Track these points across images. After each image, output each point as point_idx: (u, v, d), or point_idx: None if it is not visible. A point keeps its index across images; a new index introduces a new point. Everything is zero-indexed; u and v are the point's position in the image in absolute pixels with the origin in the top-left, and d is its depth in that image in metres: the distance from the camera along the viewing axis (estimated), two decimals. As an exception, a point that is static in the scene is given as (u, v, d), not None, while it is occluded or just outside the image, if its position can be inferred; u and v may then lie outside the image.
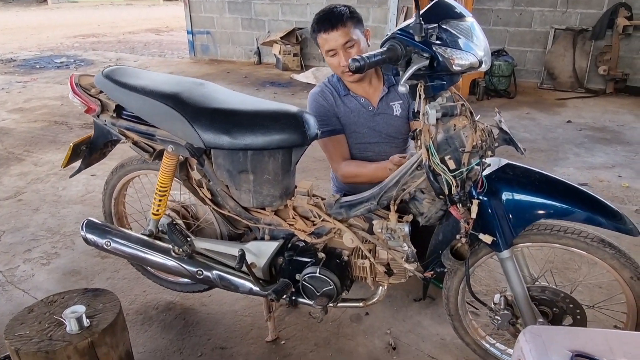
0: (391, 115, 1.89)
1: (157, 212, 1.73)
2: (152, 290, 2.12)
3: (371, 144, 1.91)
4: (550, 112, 4.89)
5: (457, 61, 1.18)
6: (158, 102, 1.51)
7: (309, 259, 1.57)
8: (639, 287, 1.34)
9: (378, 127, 1.89)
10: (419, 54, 1.18)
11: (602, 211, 1.30)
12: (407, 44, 1.19)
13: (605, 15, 5.43)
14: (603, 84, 5.64)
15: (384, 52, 1.18)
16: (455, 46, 1.20)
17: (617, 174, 3.33)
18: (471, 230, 1.34)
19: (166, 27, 14.26)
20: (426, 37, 1.16)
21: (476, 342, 1.64)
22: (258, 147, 1.48)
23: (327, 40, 1.72)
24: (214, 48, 8.54)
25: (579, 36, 5.60)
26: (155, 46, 10.61)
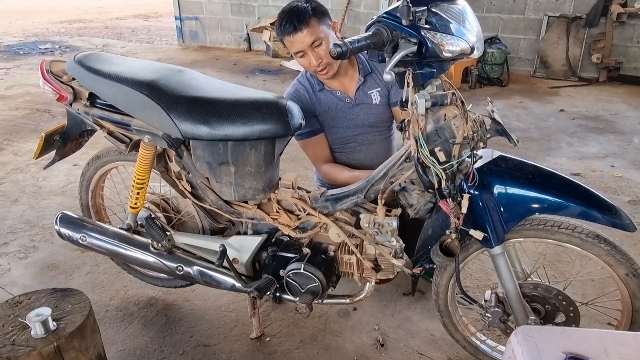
0: (370, 104, 1.81)
1: (135, 205, 1.65)
2: (133, 285, 2.05)
3: (354, 135, 1.84)
4: (543, 100, 4.83)
5: (448, 47, 1.11)
6: (133, 90, 1.42)
7: (293, 255, 1.51)
8: (635, 284, 1.29)
9: (358, 119, 1.81)
10: (407, 39, 1.10)
11: (598, 205, 1.24)
12: (394, 28, 1.11)
13: (599, 3, 5.35)
14: (596, 73, 5.59)
15: (368, 37, 1.10)
16: (446, 31, 1.12)
17: (610, 164, 3.28)
18: (461, 226, 1.28)
19: (155, 12, 14.00)
20: (414, 21, 1.08)
21: (466, 339, 1.59)
22: (239, 137, 1.40)
23: (293, 42, 1.62)
24: (202, 34, 8.37)
25: (572, 24, 5.54)
26: (143, 32, 10.41)
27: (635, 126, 4.07)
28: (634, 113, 4.43)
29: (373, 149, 1.87)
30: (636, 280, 1.28)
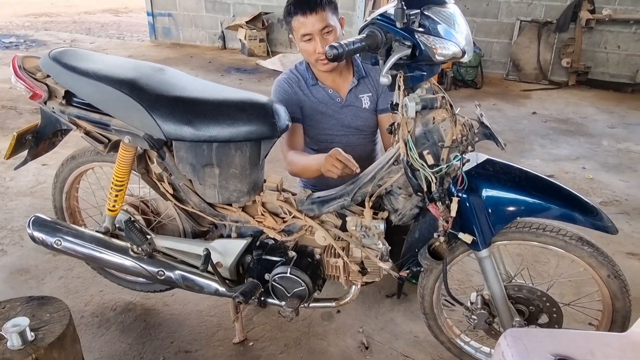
0: (359, 107, 1.81)
1: (114, 207, 1.59)
2: (109, 289, 1.99)
3: (338, 135, 1.83)
4: (515, 103, 4.94)
5: (440, 50, 1.11)
6: (112, 89, 1.37)
7: (278, 258, 1.49)
8: (615, 285, 1.32)
9: (346, 120, 1.80)
10: (400, 42, 1.10)
11: (581, 208, 1.27)
12: (388, 30, 1.10)
13: (569, 8, 5.51)
14: (566, 77, 5.75)
15: (363, 40, 1.10)
16: (438, 34, 1.12)
17: (582, 166, 3.38)
18: (450, 229, 1.28)
19: (125, 7, 13.64)
20: (408, 23, 1.08)
21: (451, 341, 1.60)
22: (224, 139, 1.37)
23: (304, 23, 1.61)
24: (176, 31, 8.21)
25: (543, 28, 5.67)
26: (113, 28, 10.14)
27: (603, 129, 4.20)
28: (602, 116, 4.57)
29: (357, 152, 1.84)
30: (617, 282, 1.31)
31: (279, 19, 7.35)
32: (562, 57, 5.66)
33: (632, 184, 3.12)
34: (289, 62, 6.35)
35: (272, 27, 7.36)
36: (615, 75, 5.70)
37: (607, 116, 4.58)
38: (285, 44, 7.49)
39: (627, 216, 2.69)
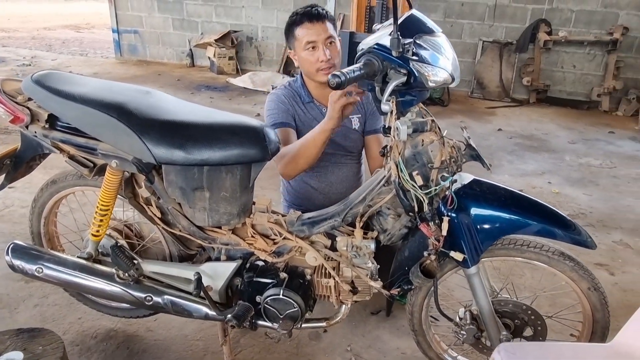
0: (349, 128, 1.85)
1: (98, 232, 1.56)
2: (88, 317, 1.92)
3: (328, 154, 1.85)
4: (482, 120, 5.12)
5: (432, 77, 1.17)
6: (100, 113, 1.35)
7: (270, 280, 1.48)
8: (595, 297, 1.39)
9: (337, 138, 1.83)
10: (396, 69, 1.14)
11: (562, 225, 1.33)
12: (385, 59, 1.15)
13: (528, 30, 5.79)
14: (527, 94, 6.01)
15: (362, 67, 1.15)
16: (430, 62, 1.18)
17: (547, 181, 3.53)
18: (441, 248, 1.32)
19: (87, 23, 13.39)
20: (403, 52, 1.13)
21: (439, 356, 1.63)
22: (216, 162, 1.37)
23: (311, 30, 1.67)
24: (142, 48, 8.12)
25: (505, 48, 5.93)
26: (75, 44, 9.92)
27: (565, 145, 4.41)
28: (563, 132, 4.79)
29: (343, 172, 1.89)
30: (597, 294, 1.38)
31: (248, 37, 7.40)
32: (522, 75, 5.93)
33: (594, 197, 3.28)
34: (259, 80, 6.38)
35: (241, 45, 7.39)
36: (572, 93, 6.00)
37: (567, 132, 4.81)
38: (254, 62, 7.52)
39: (592, 228, 2.82)
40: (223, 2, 7.29)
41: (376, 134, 1.87)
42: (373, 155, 1.89)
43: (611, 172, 3.77)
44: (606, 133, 4.84)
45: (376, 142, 1.87)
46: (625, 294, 2.19)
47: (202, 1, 7.39)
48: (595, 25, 5.67)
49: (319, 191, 1.90)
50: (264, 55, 7.44)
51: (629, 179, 3.65)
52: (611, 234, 2.76)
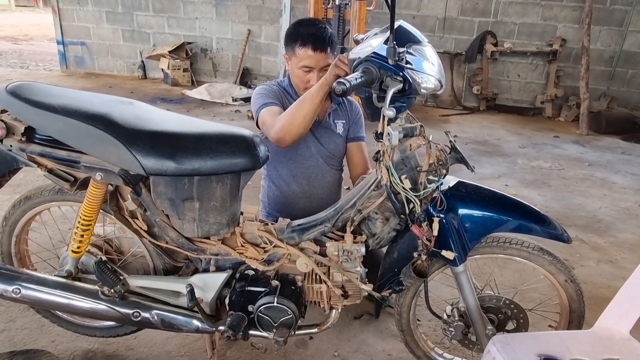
0: (334, 132, 1.88)
1: (78, 249, 1.50)
2: (62, 339, 1.83)
3: (313, 154, 1.87)
4: (437, 127, 5.31)
5: (424, 84, 1.23)
6: (85, 124, 1.31)
7: (263, 288, 1.48)
8: (572, 289, 1.49)
9: (321, 139, 1.86)
10: (392, 77, 1.19)
11: (541, 222, 1.42)
12: (382, 67, 1.20)
13: (475, 41, 6.08)
14: (477, 102, 6.30)
15: (363, 75, 1.19)
16: (421, 70, 1.24)
17: (505, 183, 3.71)
18: (432, 248, 1.37)
19: (24, 35, 12.76)
20: (398, 60, 1.18)
21: (427, 354, 1.68)
22: (207, 172, 1.36)
23: (311, 57, 1.69)
24: (90, 60, 7.85)
25: (455, 59, 6.20)
26: (14, 56, 9.43)
27: (516, 149, 4.65)
28: (513, 138, 5.06)
29: (325, 177, 1.92)
30: (573, 285, 1.48)
31: (203, 49, 7.32)
32: (472, 85, 6.21)
33: (548, 197, 3.48)
34: (217, 92, 6.33)
35: (195, 56, 7.31)
36: (518, 100, 6.35)
37: (516, 137, 5.08)
38: (209, 73, 7.45)
39: (550, 227, 2.99)
40: (175, 14, 7.19)
41: (358, 142, 1.91)
42: (354, 162, 1.93)
43: (560, 173, 4.02)
44: (552, 137, 5.16)
45: (358, 149, 1.91)
46: (585, 286, 2.33)
47: (153, 12, 7.25)
48: (537, 37, 6.05)
49: (300, 195, 1.91)
50: (220, 67, 7.39)
51: (576, 179, 3.90)
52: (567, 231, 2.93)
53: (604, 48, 5.92)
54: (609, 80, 6.03)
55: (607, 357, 1.20)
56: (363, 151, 1.93)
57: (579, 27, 5.81)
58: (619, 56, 5.88)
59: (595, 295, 2.26)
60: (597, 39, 5.86)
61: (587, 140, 5.13)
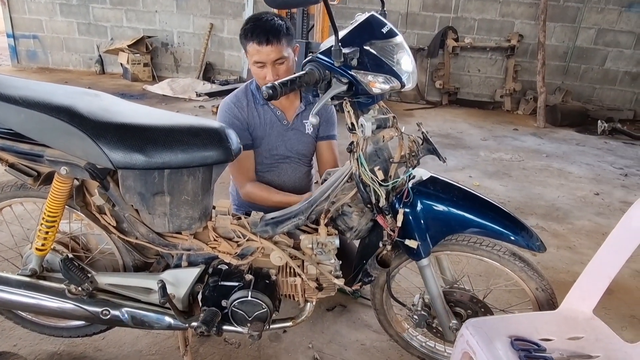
0: (303, 132, 1.87)
1: (43, 247, 1.44)
2: (25, 342, 1.76)
3: (282, 157, 1.87)
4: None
5: (378, 85, 1.21)
6: (48, 117, 1.26)
7: (236, 283, 1.46)
8: (543, 297, 1.47)
9: (289, 143, 1.85)
10: (338, 78, 1.18)
11: (513, 228, 1.37)
12: (327, 68, 1.19)
13: (437, 37, 6.20)
14: (439, 97, 6.43)
15: (300, 77, 1.16)
16: (377, 69, 1.21)
17: (468, 175, 3.81)
18: (396, 238, 1.38)
19: (-29, 28, 12.09)
20: (346, 61, 1.16)
21: (399, 334, 1.71)
22: (177, 165, 1.33)
23: (260, 52, 1.64)
24: (43, 55, 7.53)
25: (417, 54, 6.30)
26: (-41, 50, 8.94)
27: (478, 142, 4.78)
28: (475, 131, 5.19)
29: (296, 174, 1.91)
30: (544, 294, 1.46)
31: (163, 43, 7.15)
32: (434, 79, 6.33)
33: (509, 188, 3.60)
34: (179, 87, 6.20)
35: (156, 51, 7.13)
36: (479, 94, 6.52)
37: (478, 130, 5.22)
38: (171, 68, 7.29)
39: (512, 216, 3.09)
40: (134, 6, 6.99)
41: (328, 140, 1.91)
42: (323, 160, 1.93)
43: (520, 164, 4.16)
44: (511, 130, 5.33)
45: (328, 148, 1.91)
46: (547, 272, 2.43)
47: (110, 5, 7.02)
48: (495, 33, 6.23)
49: None
50: (181, 62, 7.24)
51: (535, 170, 4.05)
52: (528, 219, 3.05)
53: (559, 44, 6.16)
54: (563, 74, 6.27)
55: (573, 335, 1.25)
56: (333, 150, 1.92)
57: (535, 23, 6.02)
58: (572, 52, 6.14)
59: (556, 280, 2.36)
60: (552, 34, 6.09)
61: (544, 133, 5.33)
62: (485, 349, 1.17)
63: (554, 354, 1.17)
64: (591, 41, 6.08)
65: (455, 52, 6.20)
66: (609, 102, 6.26)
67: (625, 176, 4.02)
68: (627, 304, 2.19)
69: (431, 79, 6.39)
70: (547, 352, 1.17)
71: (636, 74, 6.11)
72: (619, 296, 2.24)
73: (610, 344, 1.23)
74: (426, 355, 1.72)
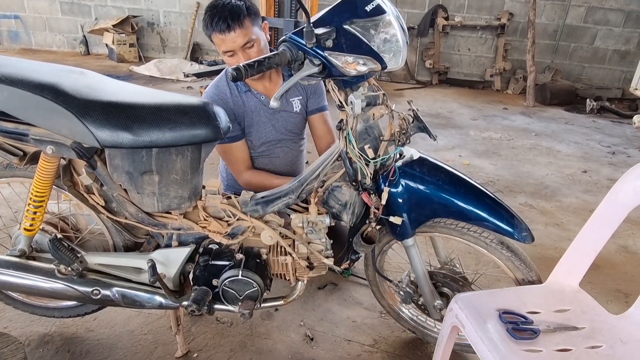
0: (291, 112, 1.83)
1: (31, 227, 1.43)
2: (15, 324, 1.76)
3: (274, 141, 1.84)
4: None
5: (355, 67, 1.17)
6: (32, 94, 1.23)
7: (227, 262, 1.47)
8: None
9: (279, 125, 1.82)
10: (310, 59, 1.16)
11: (499, 217, 1.34)
12: (299, 49, 1.16)
13: (427, 15, 6.15)
14: (429, 76, 6.41)
15: (269, 58, 1.14)
16: (354, 51, 1.17)
17: (458, 154, 3.82)
18: (381, 215, 1.38)
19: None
20: (319, 42, 1.13)
21: (391, 306, 1.74)
22: (165, 144, 1.31)
23: (225, 41, 1.57)
24: (26, 35, 7.37)
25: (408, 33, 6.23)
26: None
27: (468, 121, 4.79)
28: (465, 110, 5.20)
29: (290, 156, 1.89)
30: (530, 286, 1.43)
31: (149, 23, 7.02)
32: (425, 59, 6.30)
33: (499, 166, 3.62)
34: (167, 68, 6.11)
35: (142, 31, 7.00)
36: (469, 74, 6.51)
37: (468, 110, 5.22)
38: (157, 49, 7.17)
39: (501, 194, 3.12)
40: (118, -15, 6.83)
41: (320, 113, 1.87)
42: (318, 135, 1.88)
43: (509, 143, 4.18)
44: (501, 109, 5.34)
45: (320, 120, 1.87)
46: (535, 248, 2.47)
47: (94, -17, 6.86)
48: (485, 11, 6.18)
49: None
50: (168, 42, 7.12)
51: (524, 148, 4.07)
52: (517, 198, 3.08)
53: (549, 22, 6.14)
54: (552, 53, 6.27)
55: (559, 308, 1.27)
56: (326, 121, 1.88)
57: (525, 1, 5.98)
58: (562, 30, 6.12)
59: (544, 256, 2.40)
60: (542, 12, 6.06)
61: (534, 112, 5.35)
62: (474, 323, 1.19)
63: (541, 326, 1.19)
64: (581, 19, 6.07)
65: (445, 31, 6.16)
66: (597, 80, 6.28)
67: (612, 154, 4.06)
68: (612, 279, 2.23)
69: (421, 59, 6.35)
70: (534, 324, 1.19)
71: (625, 52, 6.13)
72: (604, 271, 2.28)
73: (595, 316, 1.26)
74: (416, 329, 1.74)
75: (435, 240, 1.61)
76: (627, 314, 1.28)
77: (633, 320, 1.25)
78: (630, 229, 2.71)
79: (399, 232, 1.42)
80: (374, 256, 1.60)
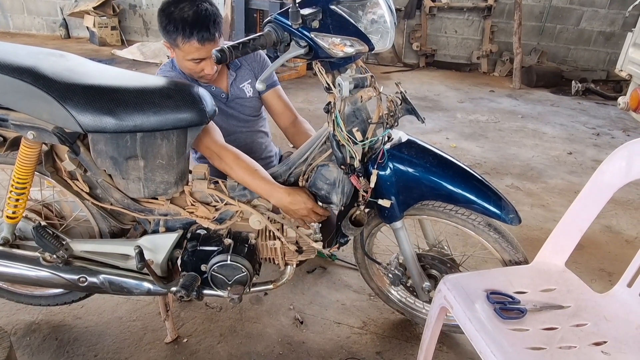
0: (244, 98, 1.78)
1: (14, 215, 1.40)
2: (1, 313, 1.74)
3: (233, 132, 1.78)
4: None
5: (341, 48, 1.16)
6: (10, 78, 1.19)
7: (215, 247, 1.46)
8: None
9: (234, 114, 1.78)
10: (296, 41, 1.14)
11: (487, 199, 1.35)
12: (285, 30, 1.14)
13: (414, -3, 6.10)
14: (417, 59, 6.38)
15: (254, 39, 1.12)
16: (341, 32, 1.16)
17: (445, 137, 3.83)
18: (370, 198, 1.38)
19: None
20: (305, 23, 1.11)
21: (379, 288, 1.75)
22: (150, 128, 1.29)
23: (199, 50, 1.51)
24: (3, 19, 7.18)
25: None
26: None
27: (455, 104, 4.79)
28: (452, 93, 5.20)
29: (250, 137, 1.84)
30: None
31: (131, 5, 6.87)
32: (412, 41, 6.27)
33: (486, 149, 3.64)
34: (150, 52, 6.00)
35: (124, 13, 6.85)
36: (455, 56, 6.49)
37: (455, 93, 5.22)
38: (140, 32, 7.03)
39: (488, 175, 3.15)
40: (99, -35, 6.64)
41: (272, 89, 1.79)
42: (277, 112, 1.81)
43: (496, 126, 4.20)
44: (487, 92, 5.35)
45: (274, 96, 1.80)
46: (521, 229, 2.50)
47: (73, -36, 6.67)
48: (472, -7, 6.15)
49: None
50: (151, 25, 6.97)
51: (511, 131, 4.10)
52: (504, 179, 3.10)
53: (535, 3, 6.13)
54: (539, 35, 6.27)
55: (546, 287, 1.29)
56: (281, 96, 1.81)
57: (512, -17, 5.95)
58: (548, 11, 6.12)
59: (530, 237, 2.43)
60: (529, -6, 6.05)
61: (520, 94, 5.37)
62: (462, 304, 1.20)
63: (528, 306, 1.20)
64: (567, 0, 6.07)
65: (432, 13, 6.12)
66: (583, 62, 6.31)
67: (597, 135, 4.10)
68: (596, 258, 2.27)
69: (408, 41, 6.32)
70: (521, 304, 1.21)
71: (610, 34, 6.15)
72: (589, 251, 2.32)
73: (581, 295, 1.28)
74: (405, 311, 1.76)
75: (423, 223, 1.62)
76: (611, 292, 1.30)
77: (617, 299, 1.27)
78: (614, 209, 2.75)
79: (388, 215, 1.43)
80: (363, 239, 1.60)
